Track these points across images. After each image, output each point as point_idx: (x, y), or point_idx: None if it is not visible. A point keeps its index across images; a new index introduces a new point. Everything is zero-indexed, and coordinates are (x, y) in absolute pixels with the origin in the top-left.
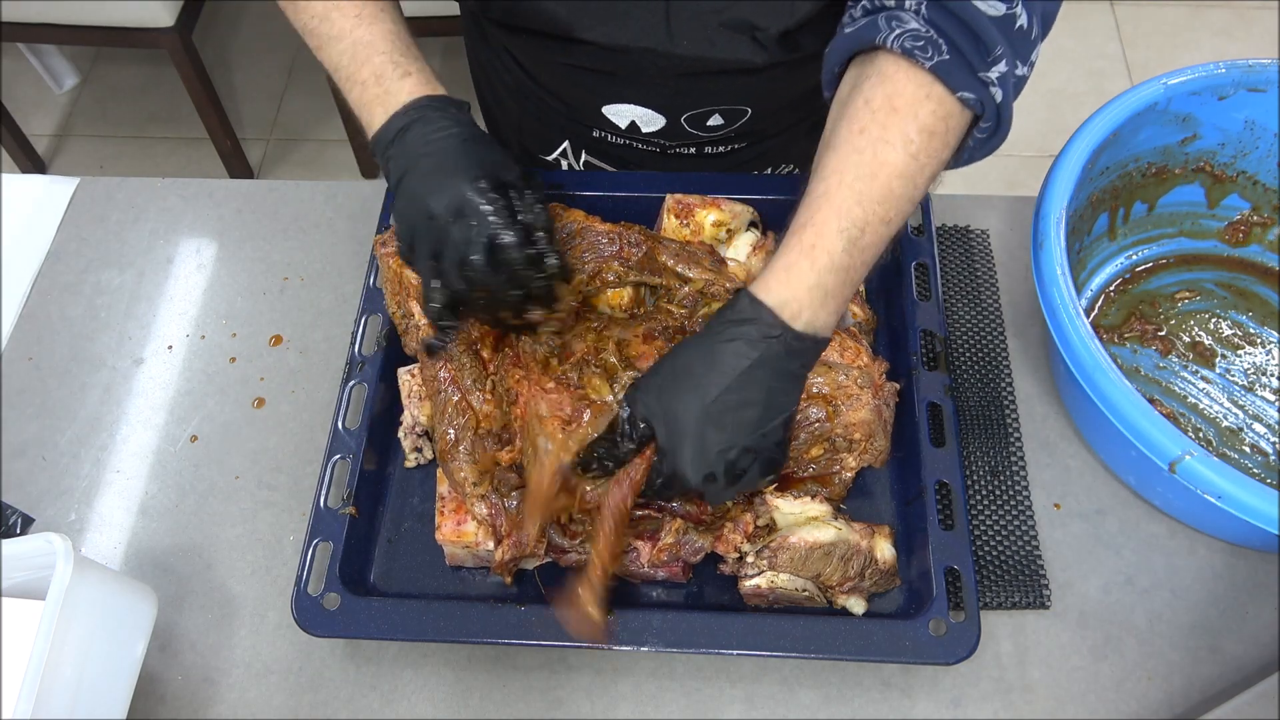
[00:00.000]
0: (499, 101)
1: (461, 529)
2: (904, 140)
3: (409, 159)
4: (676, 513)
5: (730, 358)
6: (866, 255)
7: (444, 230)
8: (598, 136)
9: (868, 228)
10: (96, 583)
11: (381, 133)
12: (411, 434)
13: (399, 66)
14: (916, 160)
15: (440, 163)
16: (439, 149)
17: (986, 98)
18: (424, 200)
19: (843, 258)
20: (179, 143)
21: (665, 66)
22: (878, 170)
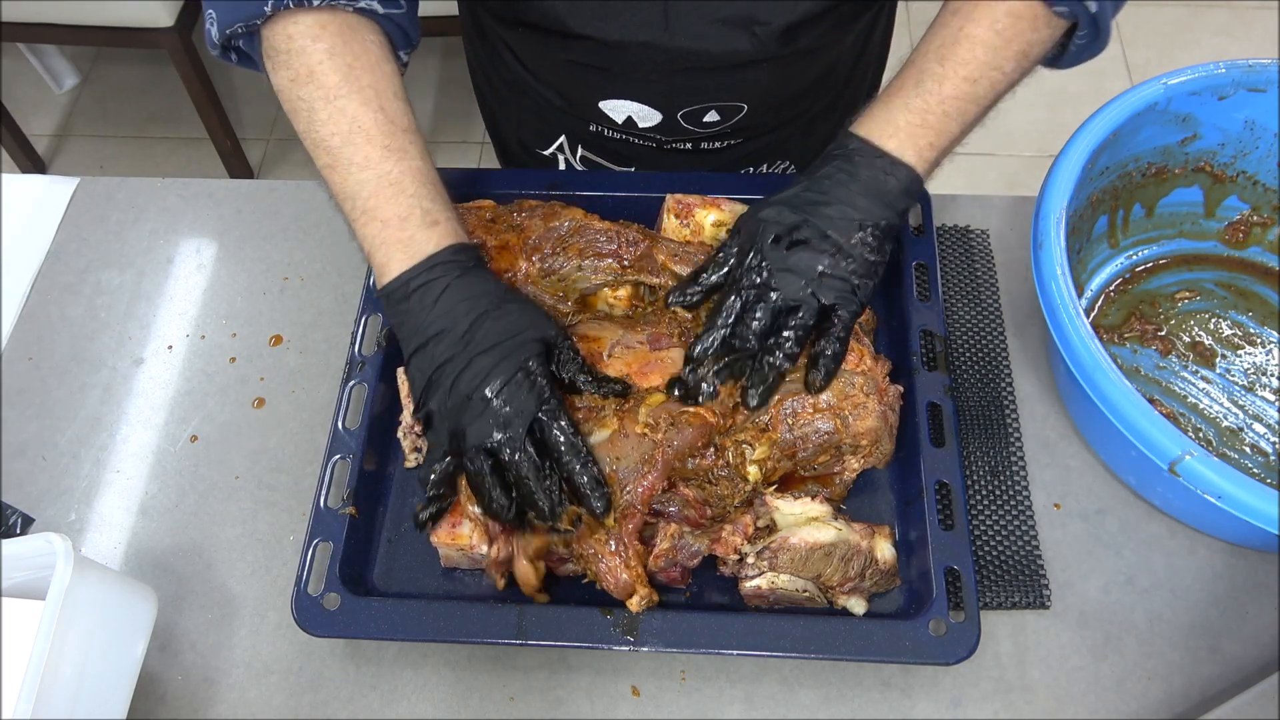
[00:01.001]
0: (497, 97)
1: (456, 531)
2: (990, 18)
3: (437, 322)
4: (673, 517)
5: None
6: (948, 105)
7: (479, 413)
8: (594, 131)
9: (946, 80)
10: (96, 583)
11: (397, 283)
12: (411, 433)
13: (427, 213)
14: (1000, 35)
15: (480, 338)
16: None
17: (1080, 10)
18: (461, 377)
19: (916, 101)
20: (179, 143)
21: (662, 61)
22: (960, 39)
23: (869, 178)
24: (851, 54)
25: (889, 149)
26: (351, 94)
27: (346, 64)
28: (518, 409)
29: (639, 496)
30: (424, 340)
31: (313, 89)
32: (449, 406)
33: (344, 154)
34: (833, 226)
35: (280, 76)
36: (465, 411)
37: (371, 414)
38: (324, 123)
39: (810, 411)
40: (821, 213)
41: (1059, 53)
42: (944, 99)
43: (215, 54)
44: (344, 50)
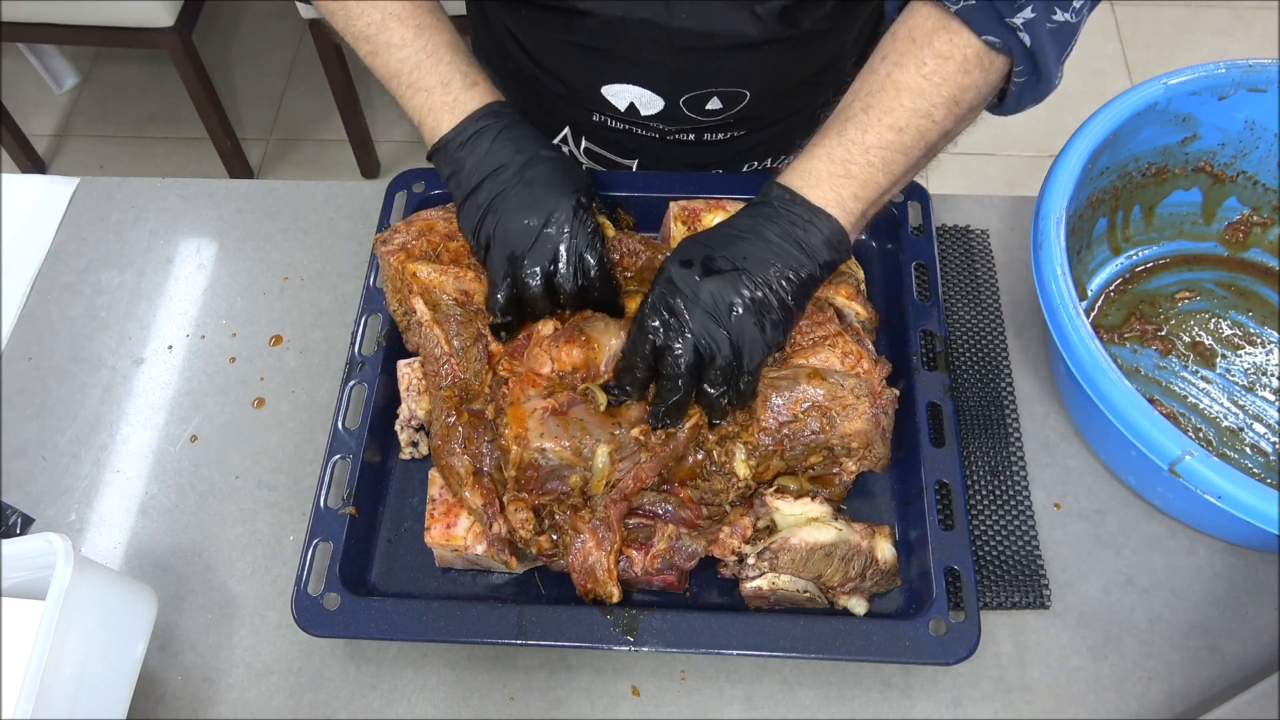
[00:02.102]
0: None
1: (451, 532)
2: (916, 63)
3: (491, 162)
4: (669, 518)
5: (740, 215)
6: (872, 155)
7: (537, 237)
8: (597, 121)
9: (870, 129)
10: (96, 583)
11: (451, 136)
12: (408, 427)
13: (466, 76)
14: (928, 80)
15: (536, 174)
16: (529, 159)
17: (1014, 42)
18: (519, 206)
19: (838, 150)
20: (179, 143)
21: (664, 41)
22: (887, 85)
23: (786, 224)
24: (856, 46)
25: (810, 199)
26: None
27: None
28: (573, 242)
29: (629, 484)
30: (482, 178)
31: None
32: (508, 231)
33: (382, 38)
34: (745, 261)
35: None
36: (523, 237)
37: (372, 414)
38: (359, 15)
39: (800, 411)
40: (735, 246)
41: (999, 97)
42: (868, 148)
43: None
44: None
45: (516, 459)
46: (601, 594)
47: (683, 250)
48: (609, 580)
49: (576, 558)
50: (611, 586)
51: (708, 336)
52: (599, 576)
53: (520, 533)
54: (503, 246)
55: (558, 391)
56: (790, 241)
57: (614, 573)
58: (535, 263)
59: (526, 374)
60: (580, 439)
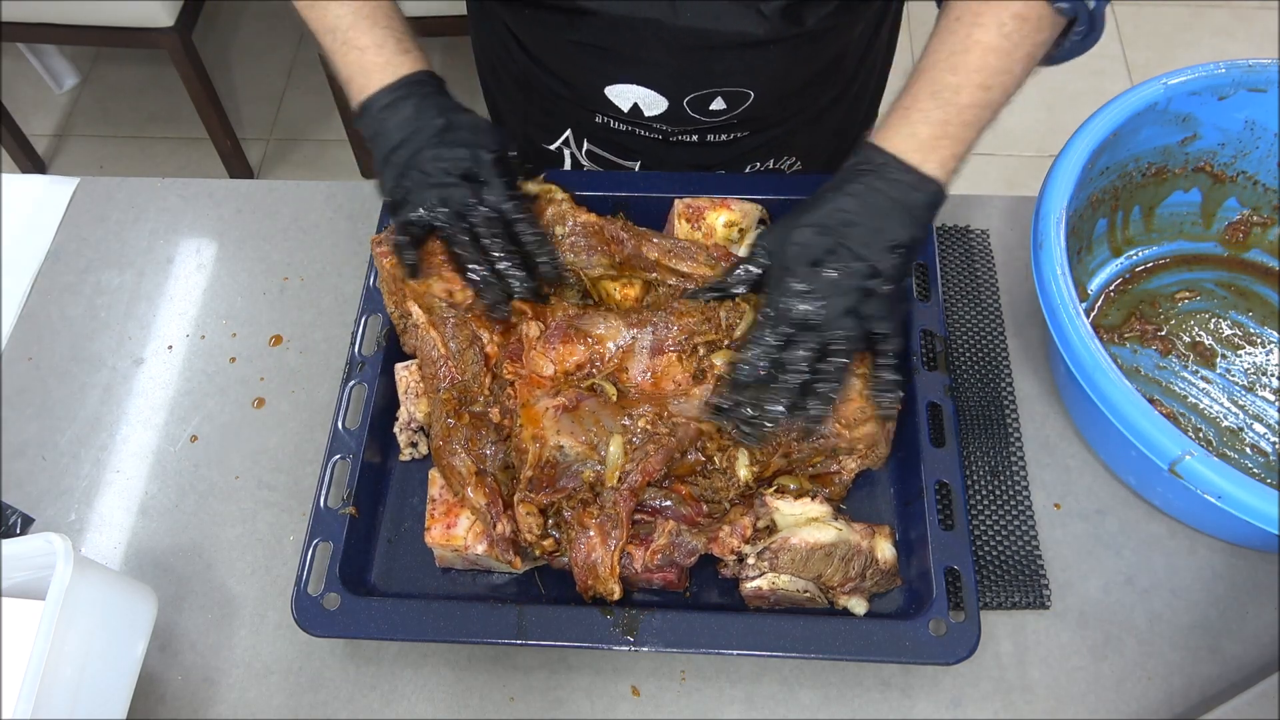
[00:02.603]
0: (503, 92)
1: (451, 532)
2: (997, 23)
3: (412, 124)
4: (670, 515)
5: (843, 186)
6: (967, 115)
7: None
8: (600, 123)
9: (962, 90)
10: (96, 583)
11: (375, 98)
12: (407, 429)
13: (400, 42)
14: (1009, 40)
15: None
16: (447, 122)
17: (1080, 7)
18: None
19: (936, 113)
20: (179, 143)
21: (668, 41)
22: (970, 46)
23: (898, 195)
24: (859, 46)
25: (914, 163)
26: None
27: None
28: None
29: (638, 478)
30: (401, 138)
31: None
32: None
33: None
34: (867, 249)
35: None
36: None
37: (371, 414)
38: None
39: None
40: (853, 235)
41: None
42: (962, 108)
43: None
44: None
45: (536, 458)
46: (602, 591)
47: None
48: (610, 578)
49: (580, 553)
50: (613, 584)
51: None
52: (601, 573)
53: (526, 535)
54: (416, 203)
55: (564, 389)
56: (903, 214)
57: (616, 570)
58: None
59: (530, 376)
60: (595, 432)
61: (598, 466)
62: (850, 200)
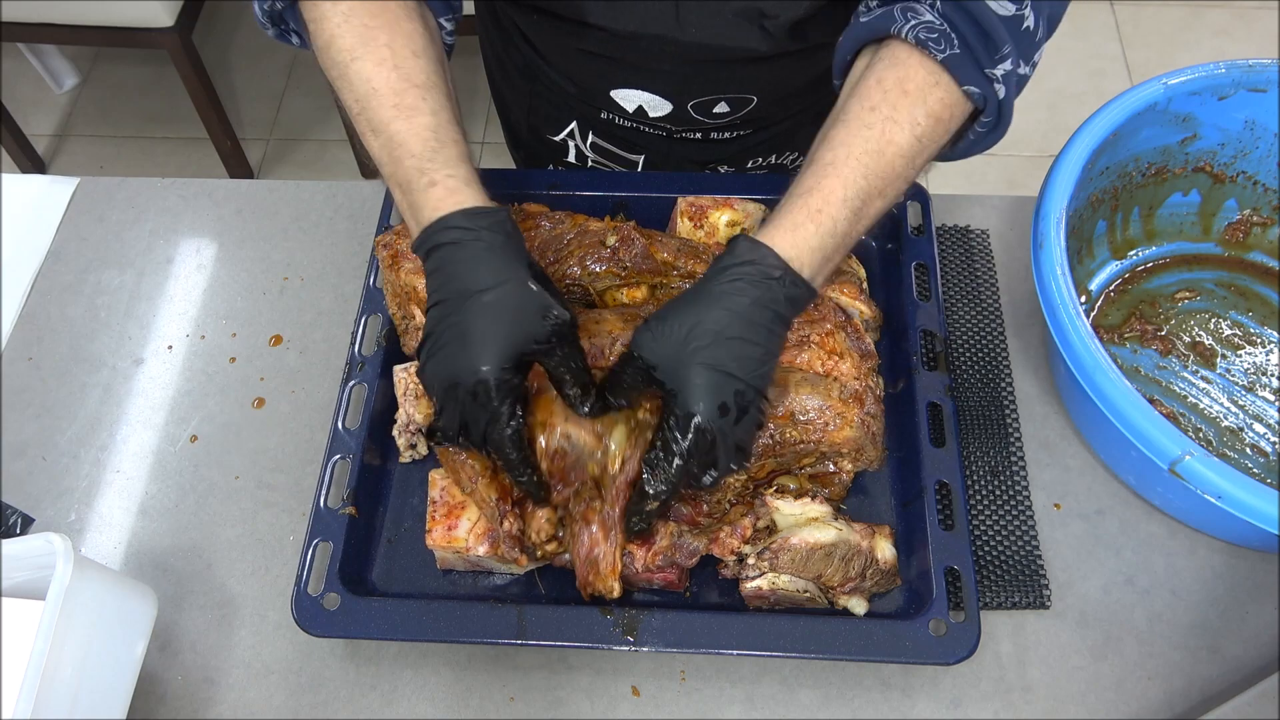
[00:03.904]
0: (509, 82)
1: (452, 534)
2: (911, 122)
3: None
4: (671, 516)
5: (733, 296)
6: (861, 226)
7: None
8: (605, 119)
9: (869, 200)
10: (96, 583)
11: (416, 249)
12: (406, 431)
13: (424, 174)
14: (920, 142)
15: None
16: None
17: (990, 93)
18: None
19: (845, 225)
20: (179, 143)
21: (673, 53)
22: (884, 147)
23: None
24: None
25: (815, 281)
26: (366, 55)
27: (363, 25)
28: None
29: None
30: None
31: (334, 54)
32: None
33: (364, 120)
34: (760, 383)
35: (314, 45)
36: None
37: (371, 414)
38: (345, 89)
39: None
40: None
41: (953, 143)
42: (865, 217)
43: (271, 34)
44: (362, 12)
45: (544, 448)
46: (602, 589)
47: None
48: (611, 575)
49: (582, 548)
50: (613, 581)
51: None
52: (602, 569)
53: (534, 536)
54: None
55: None
56: (782, 326)
57: (618, 568)
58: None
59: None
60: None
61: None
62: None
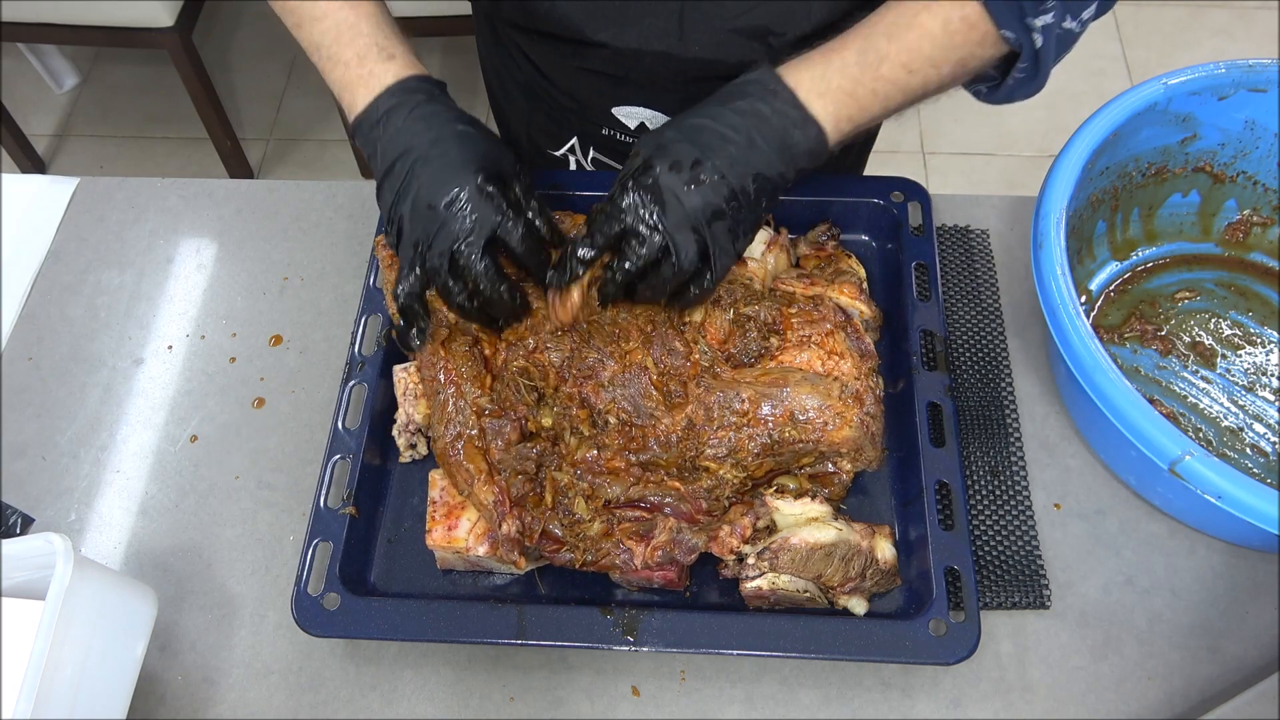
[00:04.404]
0: (508, 97)
1: (453, 534)
2: (944, 17)
3: (400, 143)
4: (670, 512)
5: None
6: (879, 85)
7: (442, 222)
8: (607, 135)
9: (886, 61)
10: (96, 583)
11: (365, 114)
12: (405, 431)
13: (383, 49)
14: (950, 36)
15: (441, 151)
16: (435, 136)
17: (1026, 41)
18: (422, 189)
19: (853, 69)
20: (179, 143)
21: (676, 70)
22: (913, 24)
23: (780, 128)
24: None
25: (810, 105)
26: None
27: None
28: (477, 220)
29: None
30: (391, 161)
31: None
32: (413, 220)
33: (305, 10)
34: (728, 168)
35: None
36: (429, 222)
37: (371, 414)
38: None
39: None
40: (722, 151)
41: (997, 83)
42: (879, 77)
43: None
44: None
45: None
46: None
47: (670, 147)
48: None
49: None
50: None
51: (683, 245)
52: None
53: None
54: (409, 234)
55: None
56: (777, 148)
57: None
58: (438, 251)
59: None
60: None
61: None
62: (731, 116)
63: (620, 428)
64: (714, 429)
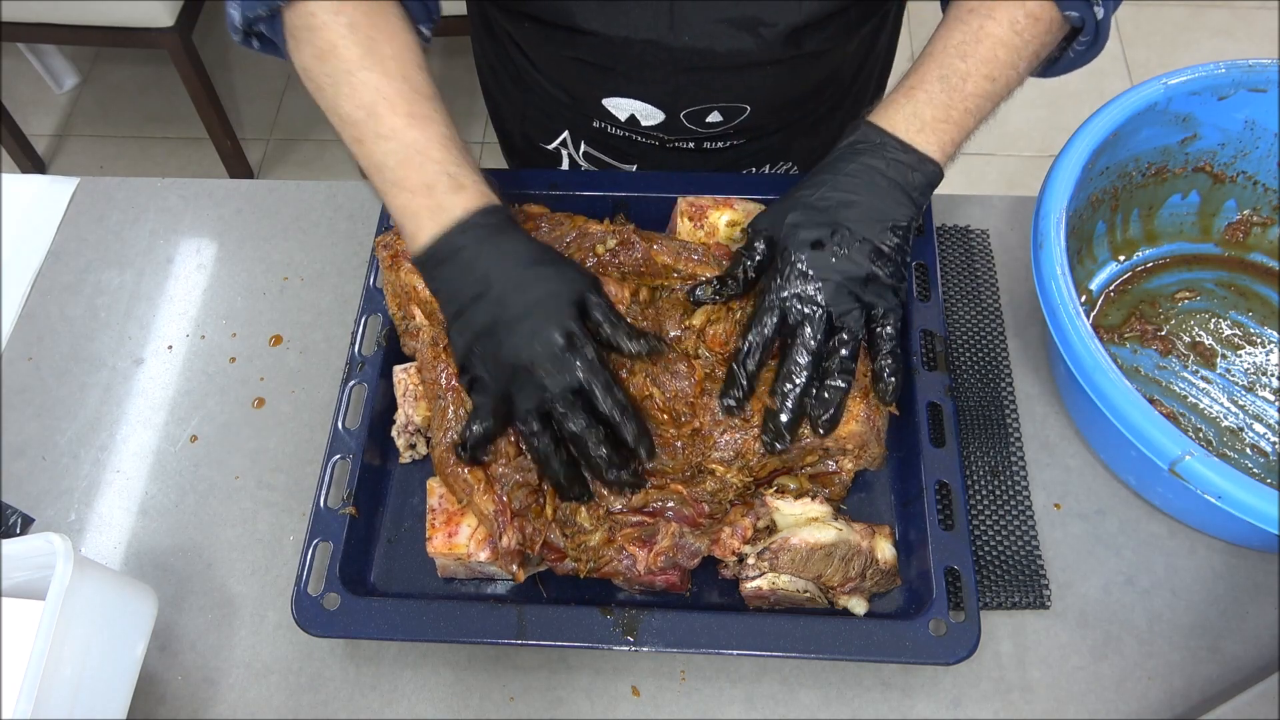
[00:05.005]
0: (502, 90)
1: (453, 541)
2: (1010, 19)
3: (471, 285)
4: (672, 517)
5: (842, 165)
6: (970, 103)
7: (532, 378)
8: (598, 127)
9: (970, 78)
10: (96, 583)
11: (432, 249)
12: (405, 432)
13: (453, 178)
14: (1020, 36)
15: (527, 299)
16: (520, 283)
17: (1089, 15)
18: (509, 341)
19: (941, 96)
20: (179, 143)
21: (666, 60)
22: (982, 37)
23: (896, 175)
24: (857, 57)
25: (916, 144)
26: (373, 65)
27: (368, 36)
28: (563, 373)
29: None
30: (460, 307)
31: (335, 63)
32: (494, 373)
33: (369, 126)
34: (865, 229)
35: (304, 55)
36: (513, 379)
37: (371, 414)
38: (348, 96)
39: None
40: (851, 216)
41: (1055, 58)
42: (967, 96)
43: (237, 39)
44: (364, 23)
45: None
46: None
47: (803, 227)
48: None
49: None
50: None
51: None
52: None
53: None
54: (492, 386)
55: None
56: (900, 193)
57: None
58: (527, 404)
59: None
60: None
61: None
62: (847, 180)
63: None
64: (720, 432)
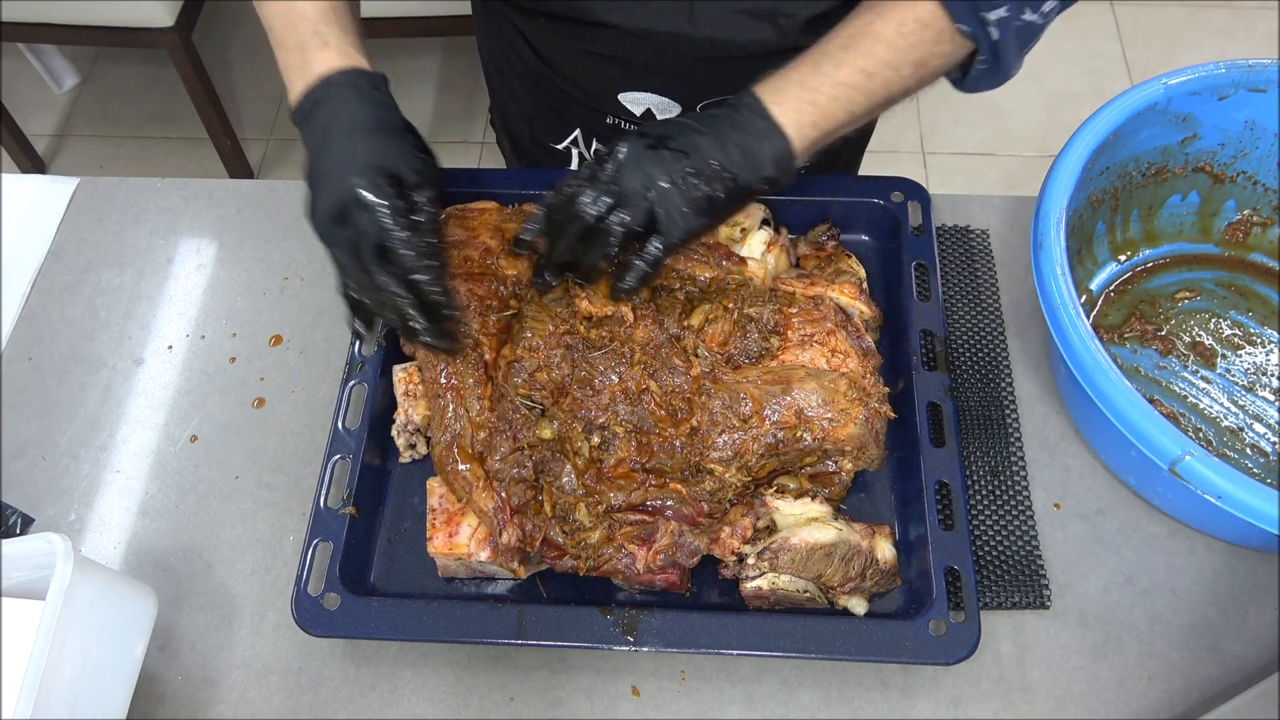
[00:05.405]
0: (509, 90)
1: (454, 541)
2: (898, 21)
3: (313, 144)
4: (671, 516)
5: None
6: (839, 91)
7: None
8: (611, 124)
9: (843, 67)
10: (96, 583)
11: (297, 107)
12: (405, 431)
13: (319, 35)
14: (905, 38)
15: (334, 153)
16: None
17: (982, 35)
18: (316, 195)
19: (811, 78)
20: (179, 143)
21: (685, 52)
22: (868, 33)
23: (746, 133)
24: None
25: (773, 115)
26: None
27: None
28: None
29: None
30: (309, 162)
31: None
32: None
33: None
34: (695, 151)
35: None
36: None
37: (371, 414)
38: None
39: (793, 420)
40: (691, 139)
41: (961, 74)
42: (837, 83)
43: None
44: None
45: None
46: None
47: (646, 128)
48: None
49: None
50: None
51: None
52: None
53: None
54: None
55: None
56: (741, 149)
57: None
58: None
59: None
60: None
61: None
62: (702, 118)
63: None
64: (718, 432)
